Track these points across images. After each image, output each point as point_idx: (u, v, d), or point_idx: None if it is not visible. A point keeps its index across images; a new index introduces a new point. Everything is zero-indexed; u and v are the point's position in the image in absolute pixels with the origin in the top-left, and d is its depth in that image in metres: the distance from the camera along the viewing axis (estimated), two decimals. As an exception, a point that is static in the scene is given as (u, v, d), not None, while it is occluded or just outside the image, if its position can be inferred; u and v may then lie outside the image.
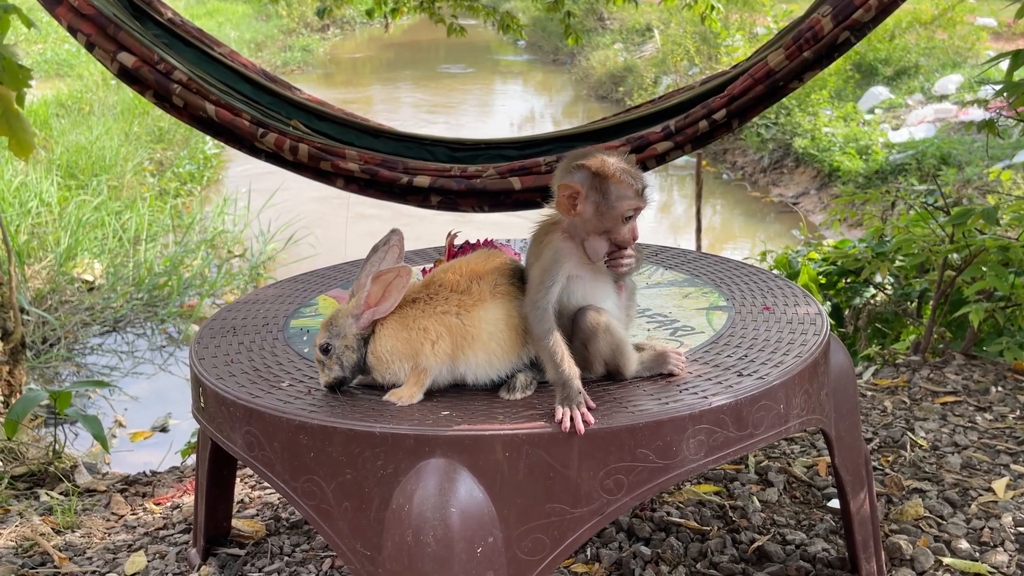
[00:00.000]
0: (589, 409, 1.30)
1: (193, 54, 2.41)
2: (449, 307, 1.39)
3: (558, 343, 1.33)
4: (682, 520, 2.02)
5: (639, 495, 1.31)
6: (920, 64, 9.41)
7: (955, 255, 2.93)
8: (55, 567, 1.99)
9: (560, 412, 1.29)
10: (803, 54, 2.14)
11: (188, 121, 2.34)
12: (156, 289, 5.32)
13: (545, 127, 10.85)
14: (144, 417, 3.95)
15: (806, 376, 1.49)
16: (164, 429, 3.83)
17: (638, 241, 1.40)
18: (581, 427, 1.27)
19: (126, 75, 2.27)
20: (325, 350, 1.41)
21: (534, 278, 1.38)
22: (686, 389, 1.40)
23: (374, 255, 1.48)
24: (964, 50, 9.68)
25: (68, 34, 2.27)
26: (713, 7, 4.74)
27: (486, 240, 2.06)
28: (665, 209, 7.86)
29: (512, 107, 12.41)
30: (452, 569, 1.24)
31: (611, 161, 1.34)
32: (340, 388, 1.43)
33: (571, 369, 1.32)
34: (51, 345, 4.57)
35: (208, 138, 8.18)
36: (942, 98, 8.56)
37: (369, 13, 5.19)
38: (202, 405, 1.59)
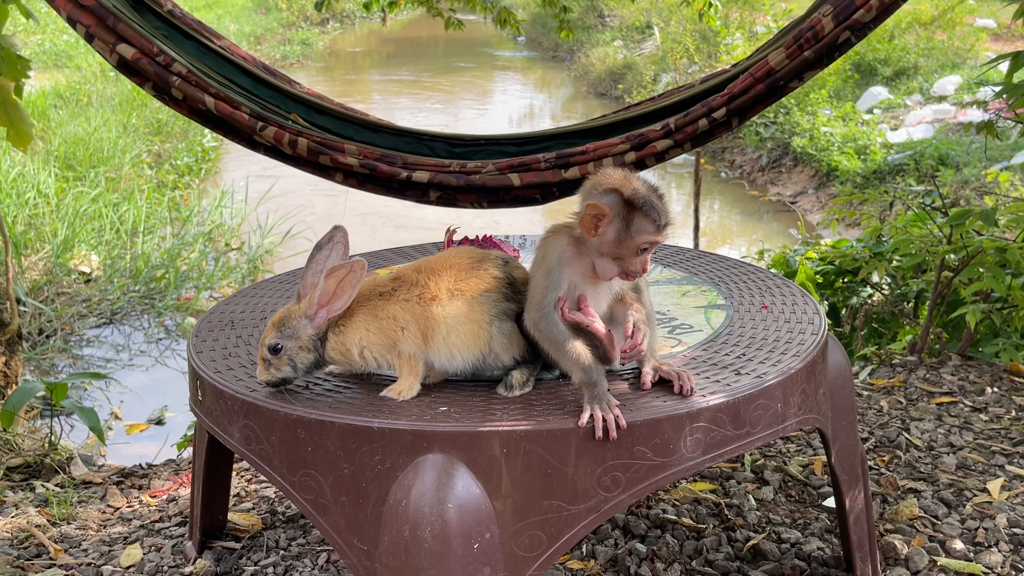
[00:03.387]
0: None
1: (193, 46, 2.40)
2: (411, 297, 1.40)
3: (576, 346, 1.32)
4: (677, 518, 2.03)
5: (636, 492, 1.31)
6: (919, 65, 9.42)
7: (952, 256, 2.94)
8: (51, 559, 1.99)
9: (588, 412, 1.28)
10: (803, 53, 2.14)
11: (187, 114, 2.33)
12: (153, 281, 5.31)
13: (544, 123, 10.84)
14: (140, 409, 3.94)
15: (804, 375, 1.49)
16: (160, 422, 3.83)
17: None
18: (614, 433, 1.27)
19: (125, 67, 2.26)
20: (275, 350, 1.40)
21: (538, 282, 1.37)
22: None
23: (318, 253, 1.44)
24: (963, 51, 9.70)
25: (67, 25, 2.26)
26: (711, 4, 4.72)
27: (485, 236, 2.06)
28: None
29: (511, 103, 12.40)
30: (449, 565, 1.24)
31: (643, 192, 1.32)
32: (284, 387, 1.43)
33: (598, 369, 1.32)
34: (48, 337, 4.57)
35: (206, 131, 8.15)
36: (941, 99, 8.57)
37: (367, 6, 5.17)
38: (200, 398, 1.59)
